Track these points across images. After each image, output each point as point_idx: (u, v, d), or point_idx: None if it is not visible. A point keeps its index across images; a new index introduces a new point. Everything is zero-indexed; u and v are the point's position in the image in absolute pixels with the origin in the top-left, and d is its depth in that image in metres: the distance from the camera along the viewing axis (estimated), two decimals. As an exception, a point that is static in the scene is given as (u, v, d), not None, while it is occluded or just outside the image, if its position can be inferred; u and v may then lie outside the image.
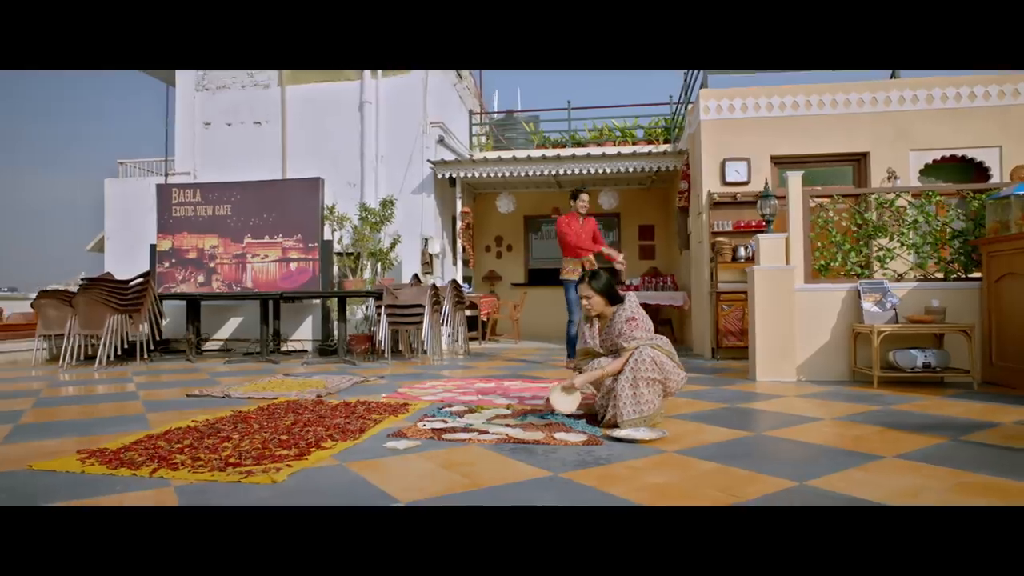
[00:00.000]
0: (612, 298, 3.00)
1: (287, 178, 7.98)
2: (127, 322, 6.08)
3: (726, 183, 6.42)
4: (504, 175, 8.05)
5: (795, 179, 4.64)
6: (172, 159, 8.77)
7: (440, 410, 3.25)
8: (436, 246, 7.99)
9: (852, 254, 4.75)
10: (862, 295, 4.38)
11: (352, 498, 1.82)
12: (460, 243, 8.63)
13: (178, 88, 8.59)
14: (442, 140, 8.08)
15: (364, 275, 7.68)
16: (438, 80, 8.27)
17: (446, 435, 2.63)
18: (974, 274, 4.52)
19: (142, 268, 7.57)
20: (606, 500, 1.78)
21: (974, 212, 4.59)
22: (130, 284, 6.13)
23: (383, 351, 6.31)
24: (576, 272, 5.43)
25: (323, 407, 3.34)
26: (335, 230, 7.77)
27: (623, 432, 2.57)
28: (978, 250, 4.43)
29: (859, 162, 6.42)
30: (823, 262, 4.81)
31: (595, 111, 15.65)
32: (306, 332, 7.96)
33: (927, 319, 4.15)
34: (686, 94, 7.70)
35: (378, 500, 1.79)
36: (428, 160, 7.88)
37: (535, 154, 8.40)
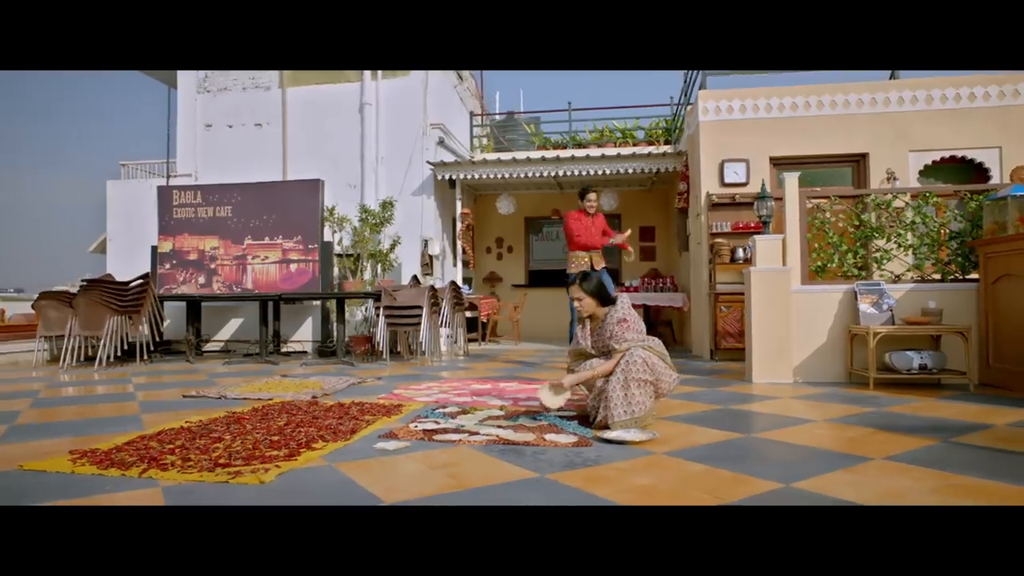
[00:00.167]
0: (604, 299, 3.00)
1: (287, 180, 8.01)
2: (127, 323, 6.11)
3: (725, 184, 6.41)
4: (504, 176, 8.06)
5: (791, 180, 4.64)
6: (174, 161, 8.82)
7: (433, 411, 3.25)
8: (436, 247, 8.00)
9: (849, 255, 4.74)
10: (859, 296, 4.37)
11: (337, 498, 1.82)
12: (460, 244, 8.65)
13: (179, 90, 8.64)
14: (442, 142, 8.10)
15: (364, 276, 7.70)
16: (438, 82, 8.29)
17: (437, 436, 2.64)
18: (971, 275, 4.51)
19: (144, 269, 7.61)
20: (589, 501, 1.78)
21: (972, 213, 4.57)
22: (130, 285, 6.16)
23: (382, 352, 6.33)
24: (583, 268, 5.44)
25: (317, 408, 3.35)
26: (335, 231, 7.79)
27: (613, 434, 2.57)
28: (975, 251, 4.41)
29: (858, 163, 6.41)
30: (820, 263, 4.80)
31: (596, 112, 15.65)
32: (306, 333, 7.99)
33: (923, 321, 4.14)
34: (686, 95, 7.69)
35: (362, 500, 1.80)
36: (428, 162, 7.90)
37: (535, 155, 8.41)
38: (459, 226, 8.56)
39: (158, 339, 6.78)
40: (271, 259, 7.46)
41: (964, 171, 6.29)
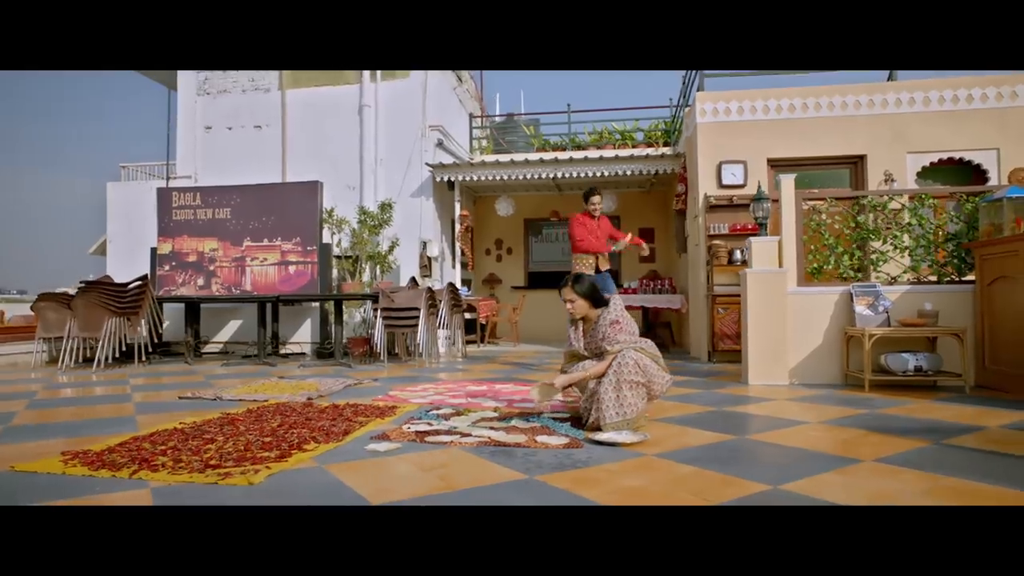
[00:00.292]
0: (596, 301, 3.00)
1: (286, 181, 8.03)
2: (125, 324, 6.13)
3: (722, 186, 6.42)
4: (503, 178, 8.07)
5: (788, 182, 4.64)
6: (173, 163, 8.84)
7: (427, 413, 3.26)
8: (435, 249, 8.01)
9: (845, 257, 4.74)
10: (854, 298, 4.36)
11: (325, 499, 1.83)
12: (459, 246, 8.65)
13: (179, 92, 8.66)
14: (441, 143, 8.11)
15: (363, 278, 7.71)
16: (437, 83, 8.30)
17: (429, 438, 2.64)
18: (967, 277, 4.50)
19: (144, 271, 7.63)
20: (576, 502, 1.79)
21: (968, 215, 4.57)
22: (128, 287, 6.17)
23: (380, 354, 6.33)
24: (588, 270, 5.44)
25: (311, 409, 3.36)
26: (334, 233, 7.80)
27: (605, 435, 2.58)
28: (971, 253, 4.41)
29: (856, 164, 6.40)
30: (816, 265, 4.80)
31: (595, 114, 15.66)
32: (305, 335, 8.00)
33: (919, 322, 4.13)
34: (684, 97, 7.69)
35: (350, 501, 1.81)
36: (427, 163, 7.91)
37: (533, 157, 8.41)
38: (458, 228, 8.56)
39: (157, 340, 6.79)
40: (270, 261, 7.47)
41: (962, 173, 6.28)
